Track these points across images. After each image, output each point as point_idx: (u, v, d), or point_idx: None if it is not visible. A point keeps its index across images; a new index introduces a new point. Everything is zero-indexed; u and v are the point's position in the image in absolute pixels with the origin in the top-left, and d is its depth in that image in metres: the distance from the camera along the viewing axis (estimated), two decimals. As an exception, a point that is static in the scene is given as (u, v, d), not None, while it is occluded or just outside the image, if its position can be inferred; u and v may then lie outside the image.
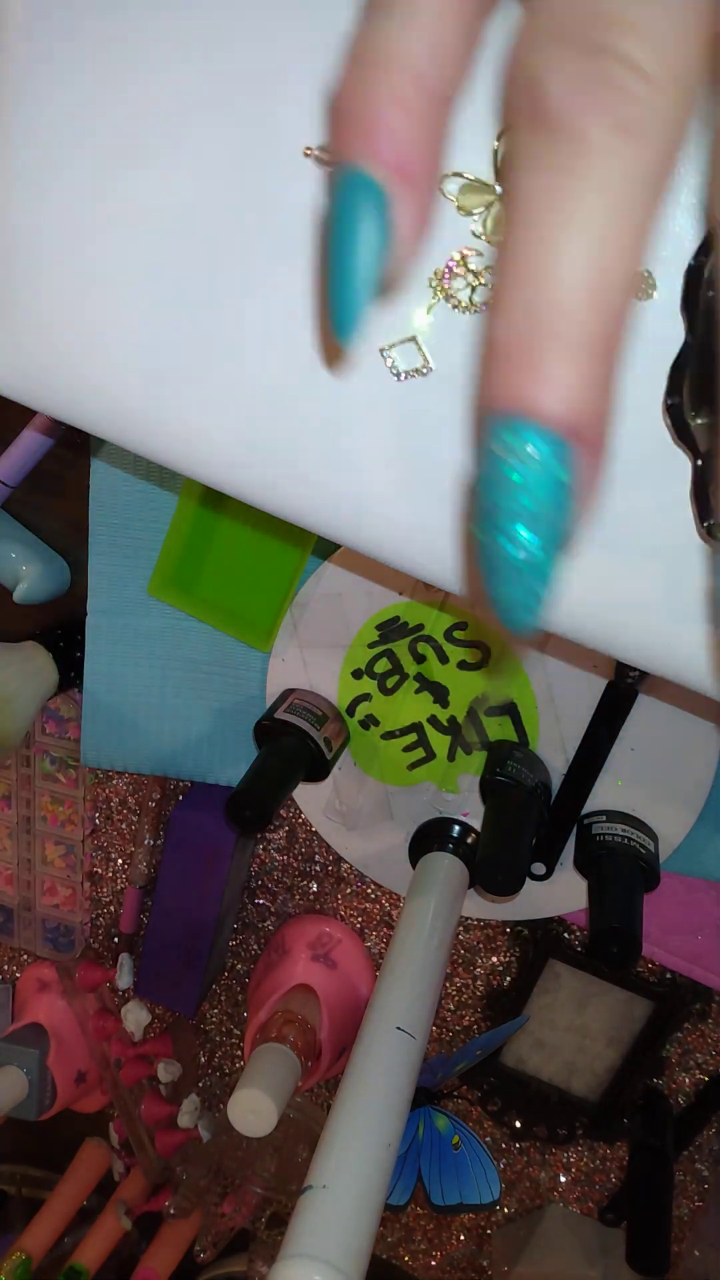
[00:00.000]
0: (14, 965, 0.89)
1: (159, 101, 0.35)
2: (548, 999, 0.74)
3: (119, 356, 0.38)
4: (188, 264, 0.36)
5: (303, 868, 0.76)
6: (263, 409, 0.37)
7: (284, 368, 0.37)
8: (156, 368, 0.38)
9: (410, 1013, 0.49)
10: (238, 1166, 0.81)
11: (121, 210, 0.36)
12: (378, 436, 0.37)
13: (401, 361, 0.36)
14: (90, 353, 0.38)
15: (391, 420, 0.37)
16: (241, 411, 0.37)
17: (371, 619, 0.62)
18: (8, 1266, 0.87)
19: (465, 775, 0.63)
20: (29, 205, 0.37)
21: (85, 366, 0.38)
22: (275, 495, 0.39)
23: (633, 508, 0.35)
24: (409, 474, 0.37)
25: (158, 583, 0.65)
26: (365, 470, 0.37)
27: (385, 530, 0.38)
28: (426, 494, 0.37)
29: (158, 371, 0.38)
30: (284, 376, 0.37)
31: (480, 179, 0.33)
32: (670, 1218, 0.72)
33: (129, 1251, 0.93)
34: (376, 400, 0.36)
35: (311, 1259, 0.36)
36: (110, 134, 0.35)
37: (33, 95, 0.35)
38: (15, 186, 0.37)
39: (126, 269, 0.37)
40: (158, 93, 0.35)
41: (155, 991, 0.79)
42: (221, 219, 0.35)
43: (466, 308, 0.35)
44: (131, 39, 0.34)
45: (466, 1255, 0.87)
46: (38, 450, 0.67)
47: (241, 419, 0.38)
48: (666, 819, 0.60)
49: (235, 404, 0.37)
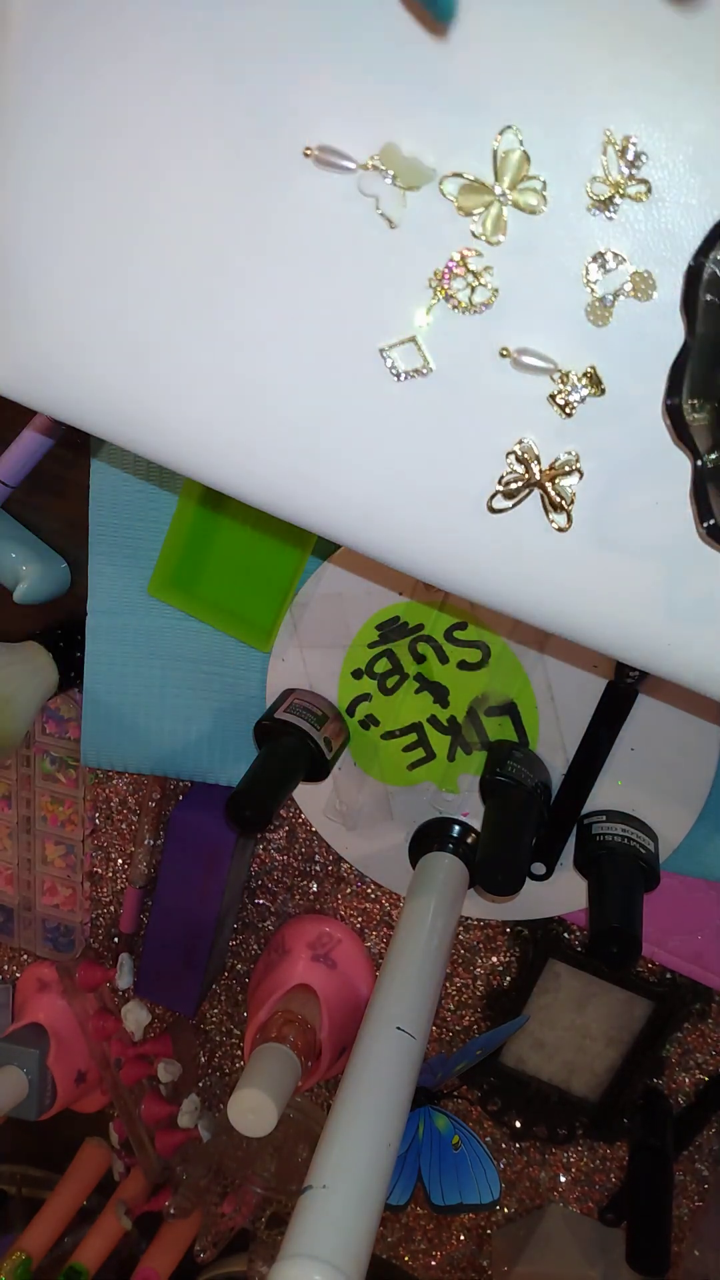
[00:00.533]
0: (14, 965, 0.89)
1: (160, 105, 0.35)
2: (548, 999, 0.74)
3: (119, 357, 0.38)
4: (188, 265, 0.36)
5: (303, 868, 0.76)
6: (262, 408, 0.37)
7: (284, 368, 0.37)
8: (156, 368, 0.38)
9: (410, 1013, 0.49)
10: (238, 1166, 0.81)
11: (121, 212, 0.36)
12: (378, 436, 0.37)
13: (401, 361, 0.36)
14: (90, 353, 0.38)
15: (392, 420, 0.37)
16: (241, 412, 0.38)
17: (371, 619, 0.62)
18: (8, 1266, 0.87)
19: (465, 775, 0.63)
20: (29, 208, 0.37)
21: (85, 367, 0.38)
22: (275, 495, 0.39)
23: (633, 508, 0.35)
24: (408, 474, 0.37)
25: (158, 583, 0.65)
26: (365, 470, 0.37)
27: (385, 530, 0.38)
28: (426, 494, 0.37)
29: (157, 372, 0.38)
30: (284, 377, 0.37)
31: (480, 179, 0.33)
32: (670, 1218, 0.72)
33: (129, 1251, 0.93)
34: (377, 400, 0.36)
35: (312, 1259, 0.36)
36: (111, 139, 0.35)
37: (35, 101, 0.35)
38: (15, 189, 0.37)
39: (126, 270, 0.37)
40: (159, 98, 0.35)
41: (155, 991, 0.79)
42: (222, 220, 0.36)
43: (466, 308, 0.35)
44: (134, 43, 0.34)
45: (466, 1255, 0.87)
46: (38, 450, 0.67)
47: (241, 419, 0.38)
48: (666, 819, 0.60)
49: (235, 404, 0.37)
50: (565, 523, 0.36)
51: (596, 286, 0.33)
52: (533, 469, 0.35)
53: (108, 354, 0.38)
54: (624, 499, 0.35)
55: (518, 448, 0.35)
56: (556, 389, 0.34)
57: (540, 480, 0.35)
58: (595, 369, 0.34)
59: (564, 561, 0.37)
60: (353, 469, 0.37)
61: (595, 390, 0.34)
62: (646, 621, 0.37)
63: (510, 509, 0.36)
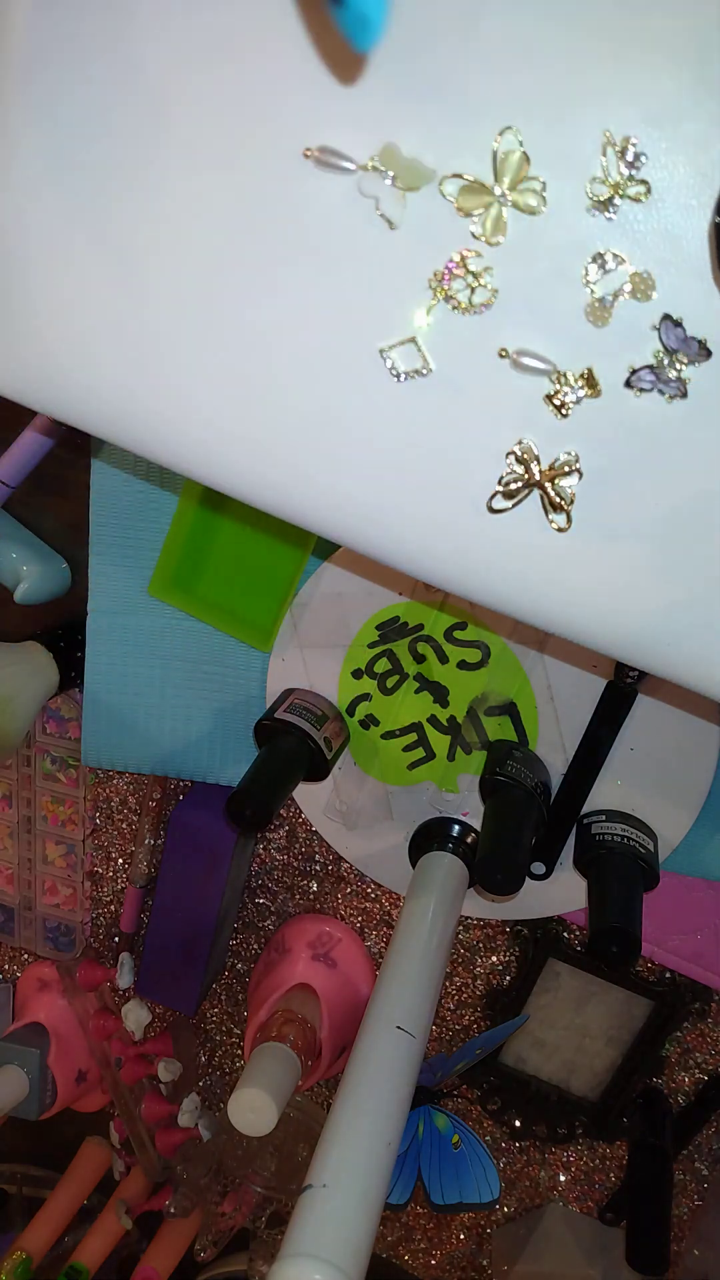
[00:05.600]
0: (14, 965, 0.89)
1: (160, 107, 0.35)
2: (547, 998, 0.74)
3: (119, 358, 0.38)
4: (188, 265, 0.36)
5: (303, 867, 0.76)
6: (263, 409, 0.37)
7: (285, 369, 0.37)
8: (156, 369, 0.38)
9: (410, 1012, 0.49)
10: (238, 1166, 0.81)
11: (122, 214, 0.36)
12: (378, 437, 0.37)
13: (401, 362, 0.36)
14: (90, 354, 0.38)
15: (392, 420, 0.37)
16: (241, 412, 0.38)
17: (371, 619, 0.62)
18: (8, 1265, 0.87)
19: (465, 775, 0.63)
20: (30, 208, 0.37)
21: (85, 367, 0.38)
22: (275, 495, 0.39)
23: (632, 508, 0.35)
24: (408, 474, 0.37)
25: (158, 583, 0.65)
26: (365, 470, 0.37)
27: (385, 530, 0.38)
28: (426, 495, 0.37)
29: (157, 373, 0.38)
30: (285, 378, 0.37)
31: (480, 180, 0.33)
32: (670, 1217, 0.72)
33: (129, 1250, 0.94)
34: (376, 401, 0.36)
35: (312, 1258, 0.36)
36: (111, 140, 0.36)
37: (36, 102, 0.36)
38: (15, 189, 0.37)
39: (126, 272, 0.37)
40: (159, 99, 0.35)
41: (156, 991, 0.79)
42: (222, 221, 0.36)
43: (466, 309, 0.35)
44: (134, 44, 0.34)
45: (466, 1254, 0.87)
46: (38, 450, 0.67)
47: (241, 420, 0.38)
48: (666, 819, 0.60)
49: (235, 405, 0.37)
50: (565, 523, 0.36)
51: (596, 287, 0.34)
52: (532, 469, 0.35)
53: (108, 355, 0.38)
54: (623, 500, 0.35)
55: (517, 448, 0.36)
56: (554, 389, 0.35)
57: (540, 480, 0.36)
58: (592, 370, 0.34)
59: (564, 561, 0.37)
60: (353, 469, 0.37)
61: (591, 391, 0.34)
62: (646, 621, 0.37)
63: (510, 509, 0.36)
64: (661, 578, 0.36)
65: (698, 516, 0.35)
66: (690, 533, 0.35)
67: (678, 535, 0.35)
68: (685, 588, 0.36)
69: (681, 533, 0.35)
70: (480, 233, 0.34)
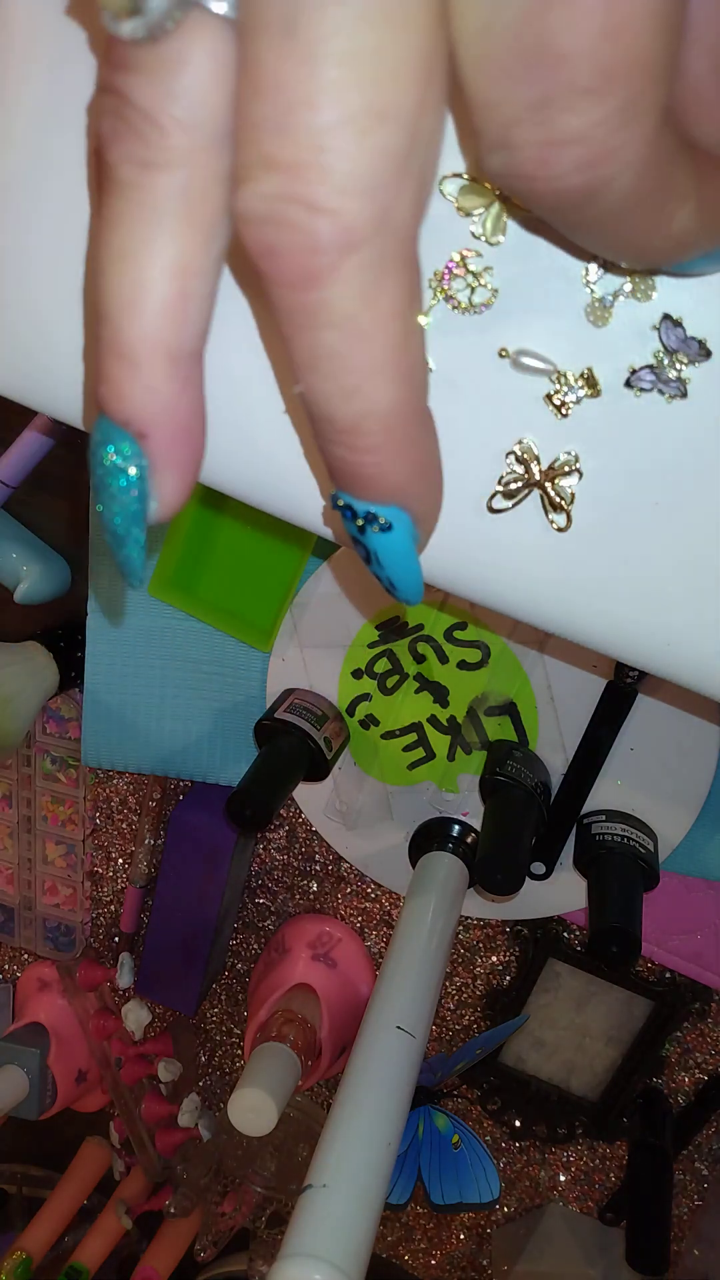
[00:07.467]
0: (14, 965, 0.89)
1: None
2: (547, 998, 0.74)
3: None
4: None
5: (303, 867, 0.76)
6: (262, 409, 0.37)
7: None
8: (157, 368, 0.38)
9: (410, 1012, 0.49)
10: (238, 1166, 0.81)
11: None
12: (377, 437, 0.37)
13: (401, 362, 0.36)
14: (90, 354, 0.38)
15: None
16: (240, 412, 0.38)
17: (371, 619, 0.62)
18: (8, 1265, 0.87)
19: (465, 775, 0.63)
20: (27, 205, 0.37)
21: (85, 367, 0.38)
22: (275, 495, 0.39)
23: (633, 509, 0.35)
24: (409, 474, 0.37)
25: (158, 583, 0.65)
26: (365, 471, 0.37)
27: (385, 530, 0.38)
28: (426, 494, 0.37)
29: (158, 372, 0.38)
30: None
31: (480, 179, 0.33)
32: (670, 1217, 0.72)
33: (129, 1251, 0.94)
34: (376, 401, 0.36)
35: (312, 1258, 0.36)
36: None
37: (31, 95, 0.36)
38: (13, 186, 0.37)
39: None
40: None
41: (156, 991, 0.79)
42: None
43: (466, 309, 0.35)
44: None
45: (466, 1254, 0.87)
46: (38, 450, 0.67)
47: (240, 419, 0.38)
48: (666, 819, 0.60)
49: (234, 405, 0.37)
50: (565, 523, 0.36)
51: (596, 287, 0.34)
52: (532, 469, 0.35)
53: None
54: (623, 499, 0.35)
55: (517, 448, 0.36)
56: (554, 389, 0.35)
57: (540, 480, 0.36)
58: (591, 370, 0.34)
59: (564, 561, 0.37)
60: (352, 469, 0.37)
61: (591, 391, 0.34)
62: (646, 621, 0.37)
63: (510, 509, 0.36)
64: (661, 577, 0.36)
65: (697, 516, 0.35)
66: (690, 533, 0.35)
67: (678, 535, 0.35)
68: (685, 587, 0.36)
69: (681, 532, 0.35)
70: (480, 232, 0.34)
